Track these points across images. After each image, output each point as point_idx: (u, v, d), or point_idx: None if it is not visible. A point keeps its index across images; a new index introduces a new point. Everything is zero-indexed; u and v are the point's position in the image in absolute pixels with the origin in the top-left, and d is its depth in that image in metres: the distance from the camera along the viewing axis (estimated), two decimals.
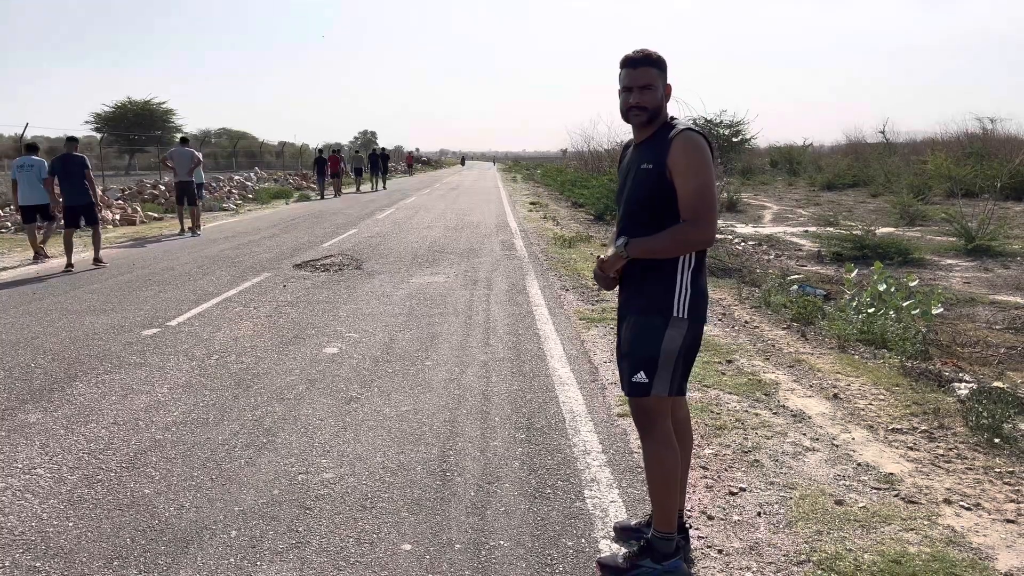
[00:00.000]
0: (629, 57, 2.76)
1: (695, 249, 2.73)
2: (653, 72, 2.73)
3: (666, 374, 2.76)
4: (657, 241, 2.70)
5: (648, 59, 2.74)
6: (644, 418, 2.86)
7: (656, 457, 2.84)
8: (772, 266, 11.10)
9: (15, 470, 3.80)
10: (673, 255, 2.72)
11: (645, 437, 2.89)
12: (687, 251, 2.72)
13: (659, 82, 2.74)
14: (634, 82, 2.73)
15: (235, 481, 3.67)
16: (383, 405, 4.76)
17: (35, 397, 4.91)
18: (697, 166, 2.64)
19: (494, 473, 3.76)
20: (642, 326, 2.79)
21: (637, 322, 2.81)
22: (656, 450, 2.84)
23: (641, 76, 2.73)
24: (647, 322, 2.77)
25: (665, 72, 2.78)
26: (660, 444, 2.84)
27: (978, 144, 28.22)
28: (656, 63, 2.74)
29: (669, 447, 2.85)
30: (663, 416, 2.85)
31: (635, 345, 2.80)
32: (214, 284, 9.11)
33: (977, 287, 9.51)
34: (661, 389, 2.77)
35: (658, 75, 2.74)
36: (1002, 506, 3.41)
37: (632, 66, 2.75)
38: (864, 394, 4.96)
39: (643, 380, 2.77)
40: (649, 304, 2.77)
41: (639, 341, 2.79)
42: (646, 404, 2.82)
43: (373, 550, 3.05)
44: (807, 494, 3.52)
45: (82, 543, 3.10)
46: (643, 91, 2.73)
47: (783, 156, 42.72)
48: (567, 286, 9.09)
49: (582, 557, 3.00)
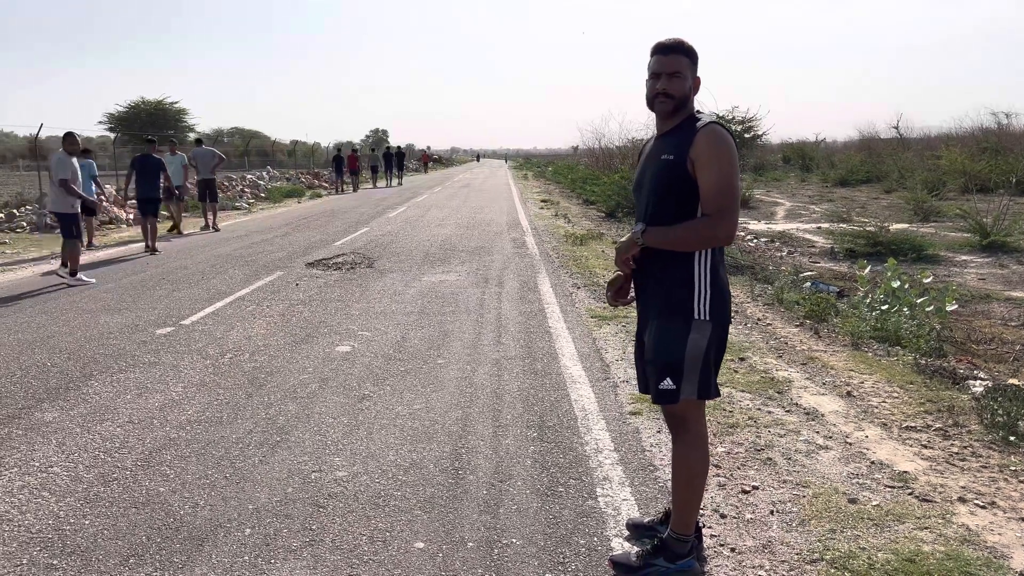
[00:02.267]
0: (661, 44, 2.72)
1: (714, 245, 2.67)
2: (684, 60, 2.70)
3: (693, 377, 2.71)
4: (675, 232, 2.65)
5: (680, 47, 2.70)
6: (677, 421, 2.84)
7: (685, 460, 2.82)
8: (785, 263, 11.05)
9: (32, 468, 3.84)
10: (690, 249, 2.66)
11: (676, 439, 2.86)
12: (705, 246, 2.66)
13: (688, 72, 2.70)
14: (663, 68, 2.69)
15: (249, 479, 3.69)
16: (395, 403, 4.78)
17: (51, 396, 4.96)
18: (722, 160, 2.59)
19: (506, 471, 3.76)
20: (664, 331, 2.73)
21: (659, 327, 2.75)
22: (686, 453, 2.82)
23: (671, 63, 2.69)
24: (669, 327, 2.72)
25: (696, 64, 2.74)
26: (691, 447, 2.81)
27: (993, 139, 27.96)
28: (687, 52, 2.71)
29: (699, 451, 2.82)
30: (696, 420, 2.82)
31: (659, 351, 2.74)
32: (227, 283, 9.16)
33: (992, 284, 9.44)
34: (689, 393, 2.72)
35: (688, 64, 2.71)
36: (1017, 504, 3.39)
37: (663, 53, 2.70)
38: (878, 392, 4.93)
39: (670, 387, 2.72)
40: (669, 308, 2.72)
41: (662, 347, 2.73)
42: (678, 408, 2.78)
43: (386, 548, 3.06)
44: (820, 492, 3.51)
45: (98, 541, 3.13)
46: (671, 78, 2.68)
47: (796, 152, 42.48)
48: (578, 284, 9.08)
49: (595, 555, 3.01)
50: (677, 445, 2.86)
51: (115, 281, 9.40)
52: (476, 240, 13.57)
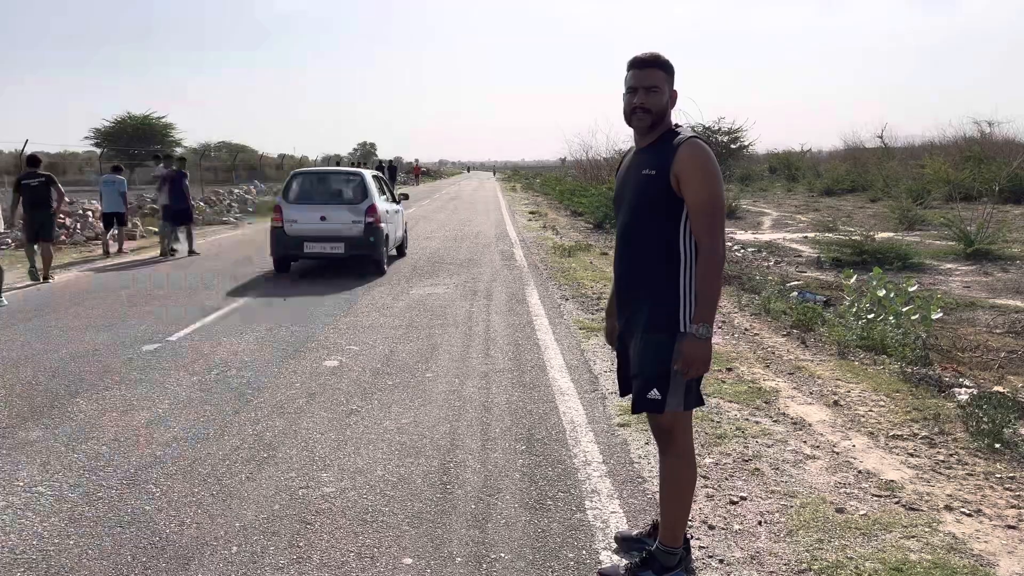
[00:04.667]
0: (637, 58, 2.74)
1: (723, 259, 2.69)
2: (660, 74, 2.72)
3: (679, 389, 2.72)
4: (705, 294, 2.64)
5: (656, 61, 2.73)
6: (664, 434, 2.85)
7: (674, 474, 2.83)
8: (772, 273, 11.10)
9: (16, 488, 3.80)
10: (720, 282, 2.69)
11: (664, 453, 2.88)
12: (722, 266, 2.69)
13: (665, 86, 2.72)
14: (640, 83, 2.71)
15: (236, 496, 3.67)
16: (383, 418, 4.76)
17: (36, 415, 4.92)
18: (708, 176, 2.63)
19: (494, 485, 3.76)
20: (649, 344, 2.75)
21: (644, 340, 2.77)
22: (674, 466, 2.83)
23: (647, 77, 2.70)
24: (654, 340, 2.74)
25: (672, 77, 2.76)
26: (678, 460, 2.83)
27: (976, 148, 28.25)
28: (663, 66, 2.73)
29: (687, 465, 2.83)
30: (684, 432, 2.83)
31: (645, 363, 2.76)
32: (214, 298, 9.12)
33: (977, 291, 9.52)
34: (675, 405, 2.73)
35: (665, 78, 2.73)
36: (1003, 512, 3.41)
37: (639, 67, 2.72)
38: (864, 401, 4.96)
39: (656, 397, 2.72)
40: (654, 322, 2.73)
41: (648, 359, 2.75)
42: (665, 420, 2.79)
43: (374, 564, 3.05)
44: (808, 502, 3.52)
45: (83, 561, 3.10)
46: (649, 92, 2.70)
47: (782, 162, 42.81)
48: (567, 295, 9.10)
49: (583, 569, 3.00)
50: (664, 457, 2.86)
51: (101, 298, 9.34)
52: (465, 252, 13.57)
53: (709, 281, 2.63)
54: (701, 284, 2.65)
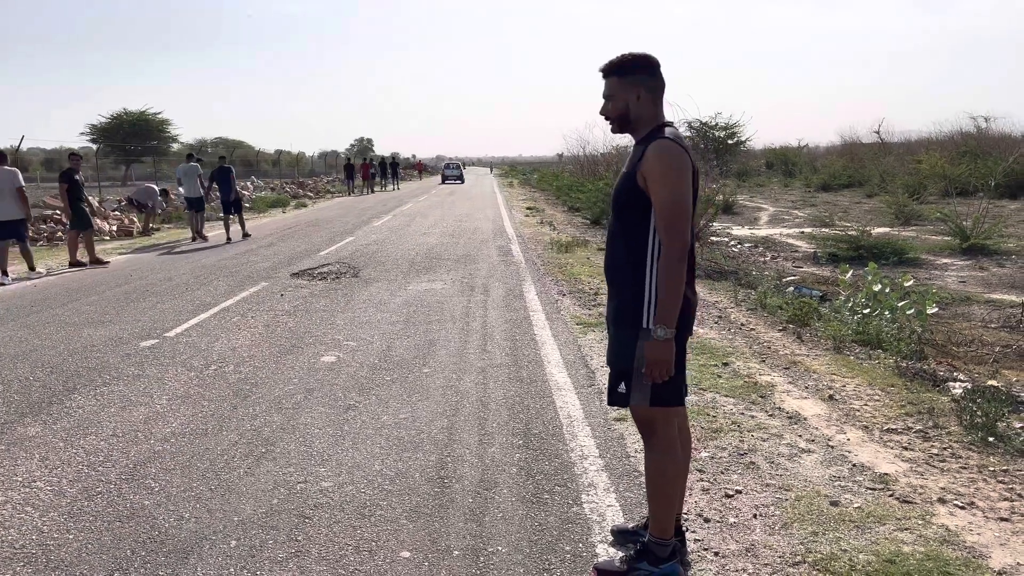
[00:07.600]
0: (600, 66, 2.80)
1: (680, 260, 2.59)
2: (613, 81, 2.75)
3: (643, 386, 2.71)
4: (664, 291, 2.58)
5: (609, 68, 2.75)
6: (644, 427, 2.87)
7: (656, 466, 2.84)
8: (768, 268, 11.13)
9: (15, 483, 3.81)
10: (679, 283, 2.59)
11: (647, 444, 2.89)
12: (680, 267, 2.59)
13: (619, 91, 2.73)
14: (603, 91, 2.79)
15: (234, 491, 3.69)
16: (381, 413, 4.78)
17: (34, 410, 4.93)
18: (668, 175, 2.60)
19: (492, 479, 3.78)
20: (615, 338, 2.80)
21: (612, 334, 2.83)
22: (656, 459, 2.84)
23: (605, 86, 2.77)
24: (620, 334, 2.77)
25: (629, 76, 2.72)
26: (660, 453, 2.83)
27: (972, 143, 28.33)
28: (617, 70, 2.73)
29: (670, 457, 2.83)
30: (664, 425, 2.82)
31: (612, 357, 2.82)
32: (211, 294, 9.13)
33: (972, 286, 9.55)
34: (640, 400, 2.74)
35: (618, 84, 2.73)
36: (996, 504, 3.44)
37: (601, 75, 2.79)
38: (859, 395, 4.99)
39: (623, 391, 2.76)
40: (620, 316, 2.76)
41: (614, 353, 2.81)
42: (645, 413, 2.80)
43: (372, 558, 3.07)
44: (803, 495, 3.55)
45: (82, 555, 3.11)
46: (607, 101, 2.77)
47: (778, 158, 42.86)
48: (564, 291, 9.12)
49: (580, 562, 3.02)
50: (648, 451, 2.88)
51: (99, 294, 9.35)
52: (462, 248, 13.59)
53: (664, 282, 2.59)
54: (659, 284, 2.62)
